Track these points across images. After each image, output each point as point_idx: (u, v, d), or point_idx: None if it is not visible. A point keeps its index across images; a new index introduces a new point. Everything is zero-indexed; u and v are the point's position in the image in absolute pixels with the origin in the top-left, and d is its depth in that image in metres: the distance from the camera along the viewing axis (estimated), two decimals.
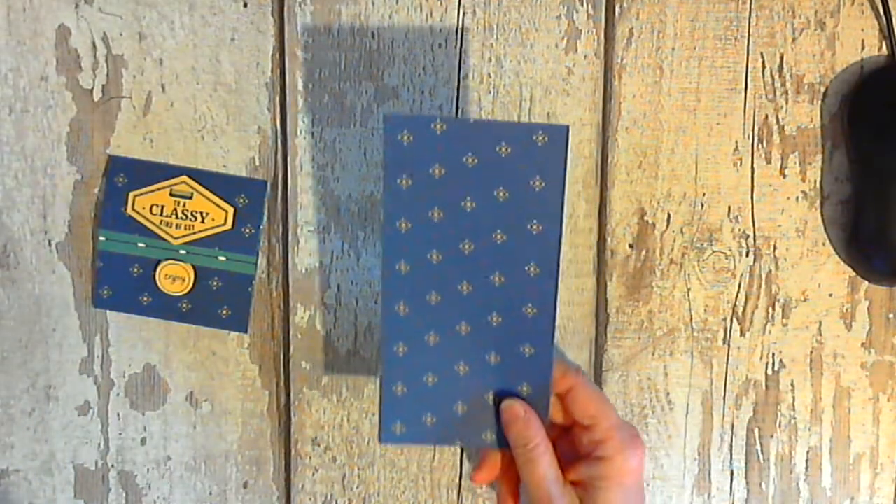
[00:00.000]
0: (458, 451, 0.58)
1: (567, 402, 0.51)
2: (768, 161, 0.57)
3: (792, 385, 0.58)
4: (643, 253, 0.57)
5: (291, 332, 0.58)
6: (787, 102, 0.56)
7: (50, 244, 0.57)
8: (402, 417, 0.51)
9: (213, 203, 0.56)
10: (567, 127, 0.49)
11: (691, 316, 0.57)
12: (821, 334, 0.57)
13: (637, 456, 0.49)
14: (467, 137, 0.49)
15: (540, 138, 0.49)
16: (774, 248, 0.57)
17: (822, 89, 0.56)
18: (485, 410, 0.51)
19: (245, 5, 0.56)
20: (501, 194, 0.50)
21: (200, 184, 0.56)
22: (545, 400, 0.51)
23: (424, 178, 0.50)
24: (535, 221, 0.50)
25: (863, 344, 0.57)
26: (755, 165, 0.57)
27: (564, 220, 0.51)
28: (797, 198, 0.57)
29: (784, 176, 0.57)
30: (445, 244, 0.50)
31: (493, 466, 0.52)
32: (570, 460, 0.50)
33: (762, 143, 0.57)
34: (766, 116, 0.56)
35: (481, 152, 0.49)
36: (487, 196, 0.50)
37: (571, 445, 0.51)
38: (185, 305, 0.57)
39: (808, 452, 0.58)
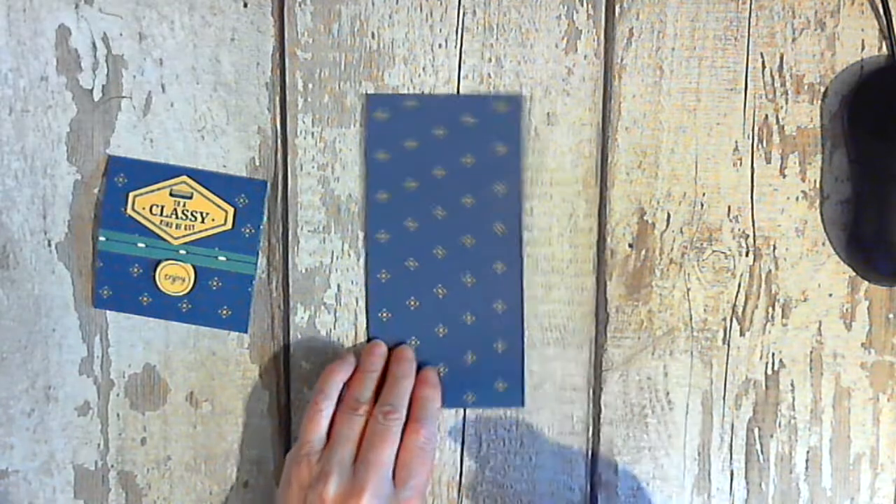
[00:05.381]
0: (459, 450, 0.58)
1: None
2: (768, 161, 0.57)
3: (792, 385, 0.58)
4: (643, 253, 0.57)
5: (291, 332, 0.58)
6: (787, 102, 0.56)
7: (50, 244, 0.57)
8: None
9: (213, 203, 0.56)
10: (522, 97, 0.56)
11: (691, 316, 0.57)
12: (821, 334, 0.57)
13: None
14: (436, 111, 0.55)
15: (500, 107, 0.55)
16: (774, 248, 0.57)
17: (822, 89, 0.56)
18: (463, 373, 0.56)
19: (245, 5, 0.56)
20: (468, 160, 0.55)
21: (200, 184, 0.56)
22: (519, 357, 0.56)
23: (400, 151, 0.55)
24: (499, 183, 0.55)
25: (863, 344, 0.57)
26: (755, 165, 0.57)
27: (525, 183, 0.56)
28: (797, 198, 0.57)
29: (784, 176, 0.57)
30: (420, 212, 0.56)
31: None
32: None
33: (762, 143, 0.57)
34: (766, 116, 0.56)
35: (448, 124, 0.55)
36: (455, 163, 0.55)
37: None
38: (185, 305, 0.57)
39: (808, 452, 0.58)
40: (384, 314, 0.56)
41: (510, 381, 0.56)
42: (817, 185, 0.57)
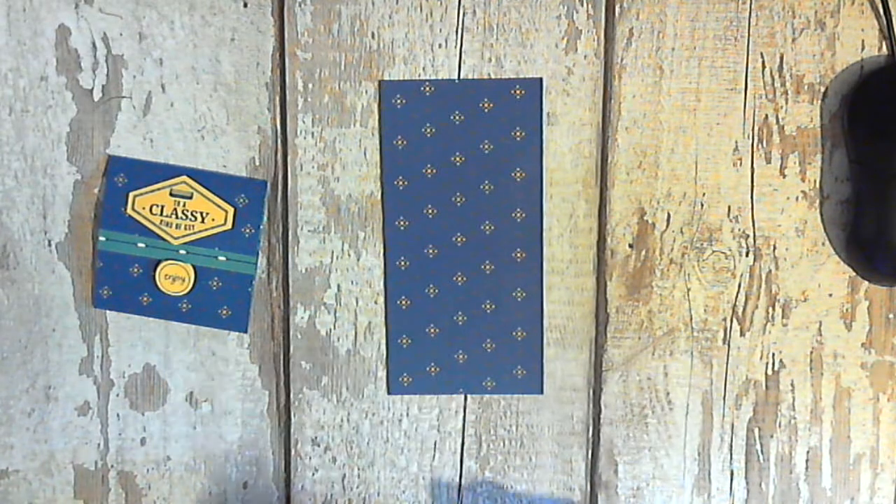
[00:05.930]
0: (458, 450, 0.58)
1: None
2: (768, 161, 0.57)
3: (792, 385, 0.58)
4: (643, 253, 0.57)
5: (291, 332, 0.58)
6: (787, 102, 0.56)
7: (50, 244, 0.57)
8: (408, 369, 0.56)
9: (213, 203, 0.56)
10: (541, 79, 0.55)
11: (691, 316, 0.57)
12: (821, 334, 0.57)
13: None
14: (453, 97, 0.55)
15: (517, 92, 0.55)
16: (774, 248, 0.57)
17: (822, 89, 0.56)
18: (485, 358, 0.57)
19: (245, 5, 0.56)
20: (487, 146, 0.55)
21: (200, 184, 0.56)
22: (538, 345, 0.56)
23: (417, 138, 0.55)
24: (518, 169, 0.55)
25: (863, 344, 0.57)
26: (755, 165, 0.57)
27: (545, 169, 0.56)
28: (797, 198, 0.57)
29: (784, 176, 0.57)
30: (439, 199, 0.56)
31: None
32: None
33: (762, 143, 0.57)
34: (766, 116, 0.56)
35: (466, 110, 0.55)
36: (474, 149, 0.55)
37: None
38: (185, 305, 0.57)
39: (808, 452, 0.58)
40: (403, 302, 0.56)
41: (529, 368, 0.57)
42: (817, 185, 0.57)
